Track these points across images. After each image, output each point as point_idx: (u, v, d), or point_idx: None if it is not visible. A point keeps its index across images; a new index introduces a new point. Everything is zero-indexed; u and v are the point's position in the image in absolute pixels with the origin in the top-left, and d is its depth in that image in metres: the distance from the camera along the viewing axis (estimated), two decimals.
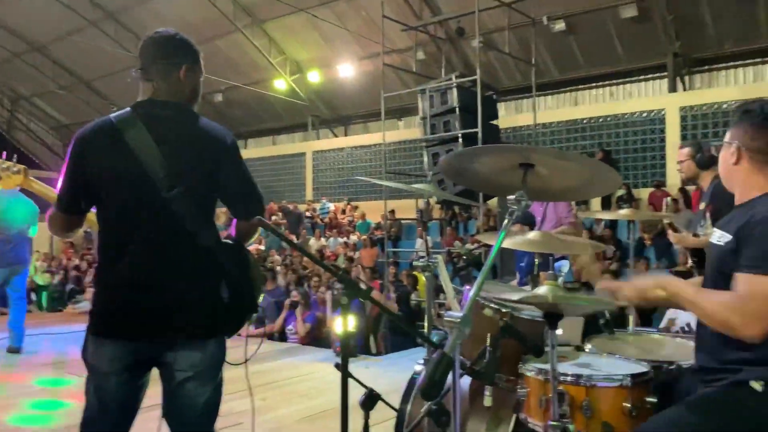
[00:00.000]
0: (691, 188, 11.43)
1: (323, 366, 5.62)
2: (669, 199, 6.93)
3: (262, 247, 15.30)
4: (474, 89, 8.04)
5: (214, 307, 1.91)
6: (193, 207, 1.85)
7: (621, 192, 12.22)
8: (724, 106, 11.92)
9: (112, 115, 1.95)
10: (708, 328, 1.68)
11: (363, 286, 1.73)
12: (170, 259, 1.87)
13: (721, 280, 1.76)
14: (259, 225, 1.89)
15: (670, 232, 3.01)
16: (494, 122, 8.77)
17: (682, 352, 2.08)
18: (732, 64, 12.87)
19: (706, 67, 13.24)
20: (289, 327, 7.33)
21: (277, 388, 4.76)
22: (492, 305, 2.06)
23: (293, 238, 16.29)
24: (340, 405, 1.65)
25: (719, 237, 1.77)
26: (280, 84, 17.57)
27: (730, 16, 11.64)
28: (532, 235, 2.18)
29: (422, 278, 9.94)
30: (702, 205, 3.90)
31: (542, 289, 1.69)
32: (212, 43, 16.60)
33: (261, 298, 2.18)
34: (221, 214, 2.19)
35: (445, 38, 12.10)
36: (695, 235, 3.78)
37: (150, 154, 1.83)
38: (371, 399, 2.35)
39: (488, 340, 1.85)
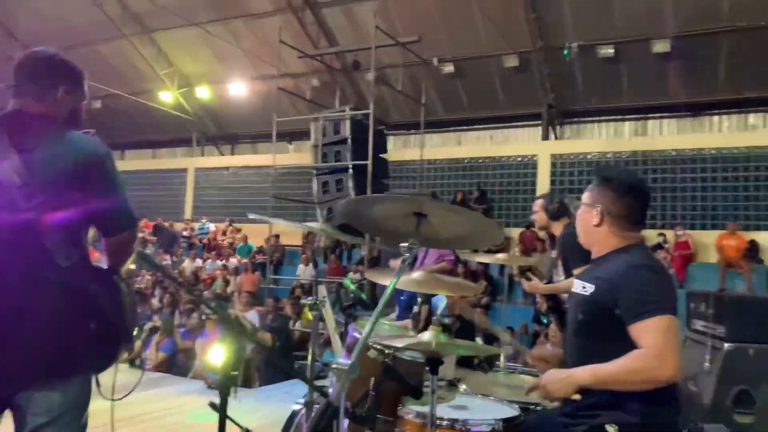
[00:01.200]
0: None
1: (189, 399, 5.35)
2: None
3: (132, 266, 14.40)
4: (366, 122, 8.22)
5: (77, 340, 1.74)
6: (55, 221, 1.70)
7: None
8: (589, 156, 13.08)
9: None
10: None
11: (238, 317, 1.68)
12: (25, 281, 1.68)
13: (580, 327, 1.91)
14: (140, 258, 1.78)
15: (523, 280, 3.21)
16: (384, 156, 8.99)
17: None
18: (597, 118, 14.17)
19: (575, 119, 14.47)
20: (144, 354, 6.93)
21: (140, 423, 4.45)
22: (376, 347, 2.09)
23: (166, 257, 15.51)
24: None
25: (582, 287, 1.93)
26: (166, 96, 16.86)
27: (598, 76, 12.87)
28: (416, 274, 2.25)
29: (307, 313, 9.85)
30: (554, 253, 4.22)
31: (426, 336, 1.74)
32: (93, 48, 15.66)
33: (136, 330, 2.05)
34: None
35: (340, 69, 12.28)
36: (549, 281, 4.03)
37: (9, 164, 1.68)
38: None
39: (371, 384, 1.87)
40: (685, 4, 10.93)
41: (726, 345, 3.69)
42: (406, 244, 1.55)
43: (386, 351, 2.12)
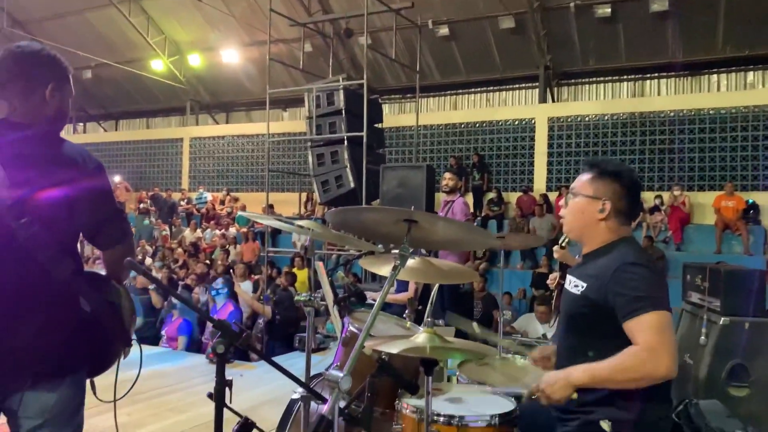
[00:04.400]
0: (553, 194, 12.37)
1: (193, 374, 5.42)
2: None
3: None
4: (360, 92, 8.10)
5: (69, 345, 1.74)
6: (47, 237, 1.69)
7: (491, 195, 12.92)
8: (587, 118, 12.96)
9: None
10: (564, 366, 1.82)
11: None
12: (18, 294, 1.69)
13: (571, 325, 1.91)
14: (130, 266, 1.76)
15: (556, 247, 3.22)
16: (379, 125, 8.89)
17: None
18: (594, 80, 13.99)
19: (573, 81, 14.30)
20: (162, 332, 6.99)
21: (144, 401, 4.52)
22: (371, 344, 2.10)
23: (165, 227, 15.53)
24: None
25: (574, 284, 1.91)
26: (158, 65, 16.61)
27: (594, 36, 12.66)
28: (413, 263, 2.24)
29: (301, 275, 9.89)
30: (553, 218, 4.21)
31: (420, 338, 1.74)
32: (82, 16, 15.35)
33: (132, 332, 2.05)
34: None
35: (333, 35, 12.05)
36: (551, 244, 4.06)
37: None
38: (245, 428, 2.31)
39: (366, 384, 1.89)
40: None
41: (722, 319, 3.71)
42: (396, 251, 1.53)
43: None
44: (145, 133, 19.40)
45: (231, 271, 8.58)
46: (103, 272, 1.96)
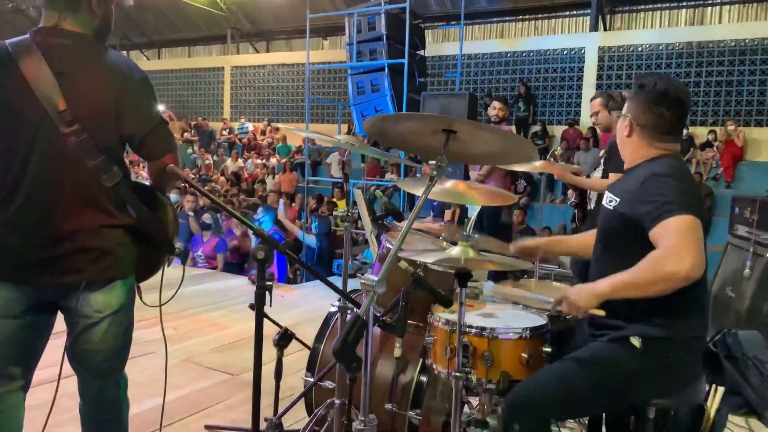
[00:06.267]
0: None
1: (236, 293, 5.62)
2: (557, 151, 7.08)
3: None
4: (403, 17, 7.86)
5: (121, 250, 1.83)
6: (95, 145, 1.74)
7: (536, 128, 12.61)
8: (639, 48, 12.34)
9: (8, 41, 1.77)
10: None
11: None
12: (69, 200, 1.76)
13: (605, 240, 1.89)
14: (172, 175, 1.80)
15: (551, 160, 3.16)
16: (421, 52, 8.67)
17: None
18: (650, 6, 13.23)
19: (627, 8, 13.55)
20: (198, 252, 7.21)
21: (189, 317, 4.74)
22: (406, 257, 2.12)
23: (207, 156, 15.78)
24: (254, 360, 1.67)
25: (609, 200, 1.89)
26: None
27: None
28: (449, 185, 2.23)
29: (341, 204, 9.99)
30: (602, 152, 4.10)
31: (455, 251, 1.75)
32: None
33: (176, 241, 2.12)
34: None
35: None
36: (577, 174, 3.94)
37: (47, 86, 1.69)
38: (285, 338, 2.40)
39: (401, 294, 1.92)
40: None
41: None
42: (434, 162, 1.52)
43: (417, 261, 2.16)
44: (186, 61, 19.45)
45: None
46: (147, 183, 2.02)
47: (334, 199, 10.15)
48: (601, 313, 1.68)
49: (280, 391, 2.26)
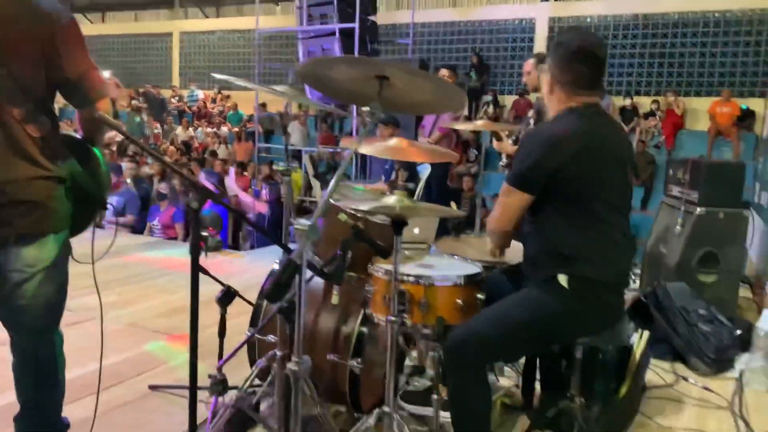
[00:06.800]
0: None
1: (185, 260, 5.56)
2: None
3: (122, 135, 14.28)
4: None
5: (53, 203, 1.79)
6: (22, 92, 1.68)
7: (488, 99, 12.73)
8: (588, 20, 12.54)
9: None
10: (530, 232, 1.91)
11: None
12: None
13: None
14: (100, 121, 1.76)
15: (493, 139, 3.25)
16: (373, 18, 8.59)
17: (517, 255, 2.31)
18: None
19: None
20: (154, 222, 7.07)
21: (135, 283, 4.66)
22: (346, 211, 2.15)
23: (157, 125, 15.34)
24: (189, 301, 1.68)
25: None
26: None
27: None
28: (393, 142, 2.26)
29: (295, 175, 9.92)
30: (531, 112, 4.18)
31: (391, 199, 1.79)
32: None
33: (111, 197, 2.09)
34: None
35: None
36: (516, 140, 4.03)
37: None
38: (228, 295, 2.41)
39: (340, 243, 1.95)
40: None
41: (698, 209, 3.80)
42: (367, 108, 1.53)
43: (357, 215, 2.19)
44: (132, 26, 18.73)
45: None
46: (79, 135, 1.97)
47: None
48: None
49: (224, 351, 2.28)
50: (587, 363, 2.28)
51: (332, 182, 1.51)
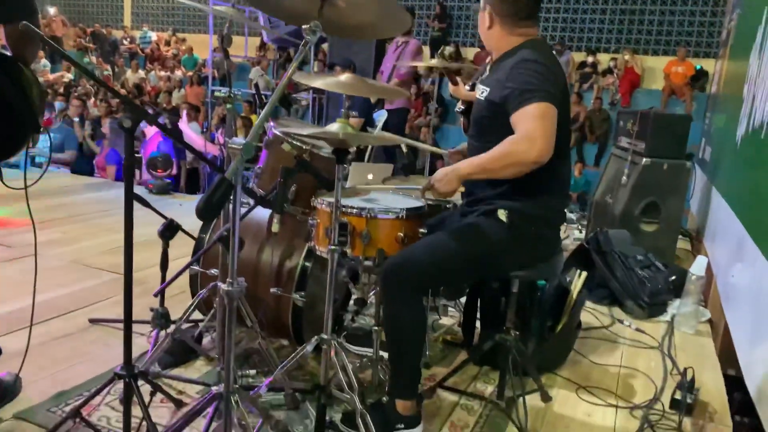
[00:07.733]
0: None
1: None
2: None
3: (71, 75, 13.68)
4: None
5: None
6: None
7: (450, 50, 12.61)
8: None
9: None
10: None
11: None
12: None
13: (476, 129, 1.96)
14: (26, 31, 1.65)
15: (450, 84, 3.21)
16: None
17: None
18: None
19: None
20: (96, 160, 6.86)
21: (80, 222, 4.53)
22: (290, 141, 2.11)
23: (107, 67, 14.72)
24: (123, 233, 1.63)
25: (481, 91, 1.94)
26: None
27: None
28: (344, 77, 2.21)
29: (254, 119, 9.69)
30: (488, 59, 4.15)
31: (334, 126, 1.75)
32: None
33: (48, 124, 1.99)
34: None
35: None
36: (473, 86, 4.02)
37: None
38: (170, 229, 2.36)
39: (280, 171, 1.92)
40: None
41: (644, 159, 3.88)
42: (306, 26, 1.48)
43: (303, 146, 2.15)
44: None
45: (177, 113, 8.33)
46: (8, 53, 1.85)
47: (244, 114, 9.83)
48: (461, 189, 1.76)
49: (168, 287, 2.24)
50: (523, 297, 2.35)
51: (268, 104, 1.46)
